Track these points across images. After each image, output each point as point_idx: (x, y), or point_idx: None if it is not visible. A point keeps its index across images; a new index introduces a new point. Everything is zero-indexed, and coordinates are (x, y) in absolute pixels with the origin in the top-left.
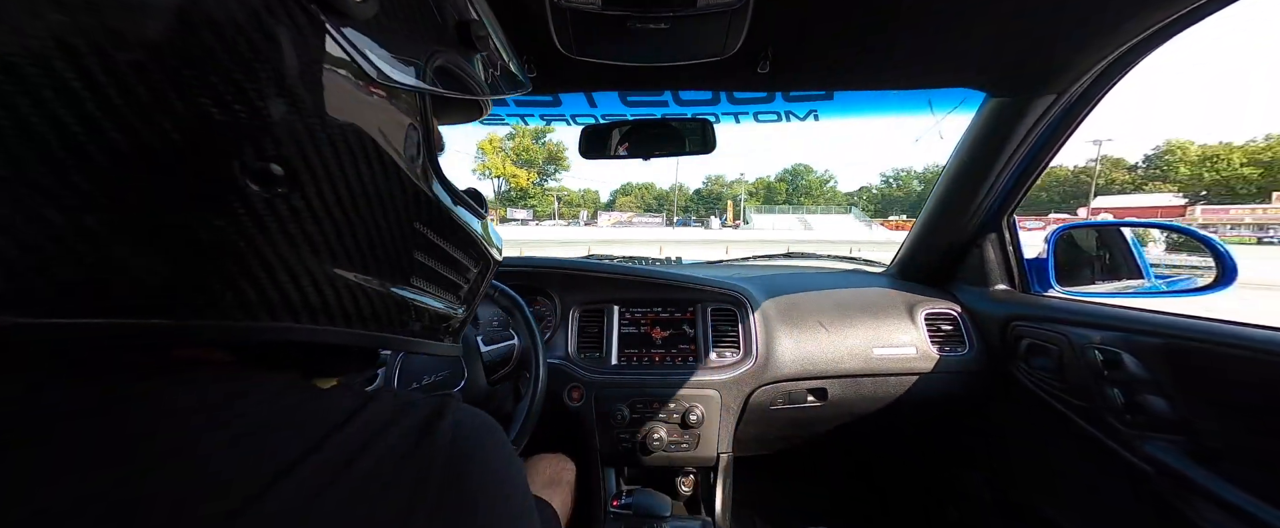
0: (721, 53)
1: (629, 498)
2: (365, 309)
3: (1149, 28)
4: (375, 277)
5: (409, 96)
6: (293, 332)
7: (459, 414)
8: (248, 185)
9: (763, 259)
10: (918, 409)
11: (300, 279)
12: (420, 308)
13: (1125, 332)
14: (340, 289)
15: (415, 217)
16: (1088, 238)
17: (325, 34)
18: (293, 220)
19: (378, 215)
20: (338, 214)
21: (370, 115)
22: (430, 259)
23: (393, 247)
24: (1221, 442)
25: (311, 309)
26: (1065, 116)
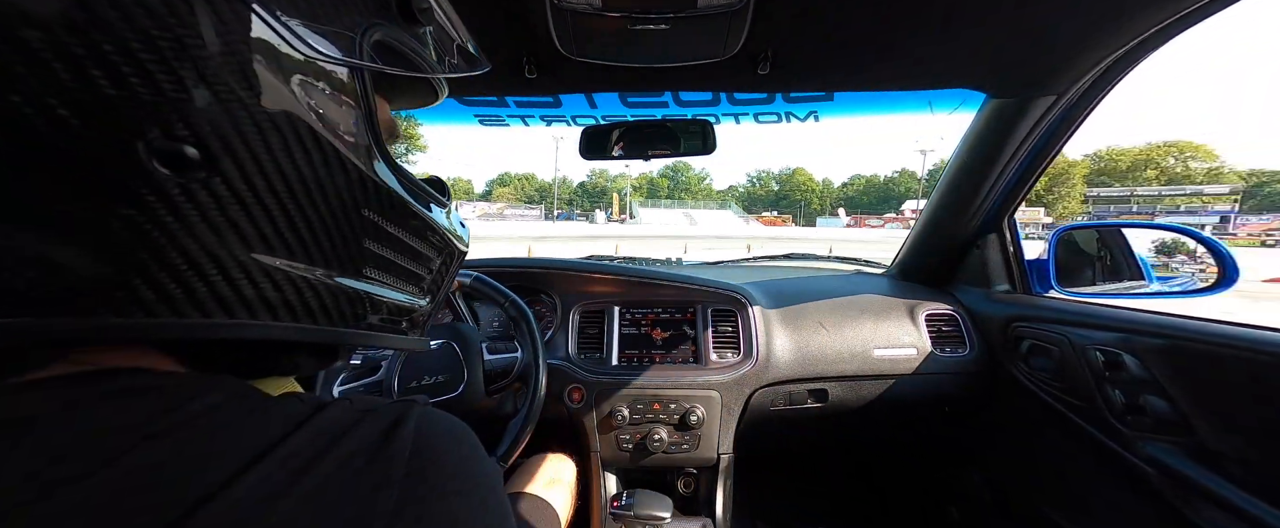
0: (722, 54)
1: (629, 499)
2: (312, 302)
3: (1150, 28)
4: (320, 267)
5: (346, 74)
6: (237, 328)
7: (423, 420)
8: (157, 169)
9: (763, 260)
10: (918, 410)
11: (231, 272)
12: (377, 300)
13: (1126, 333)
14: (280, 282)
15: (362, 203)
16: (1089, 239)
17: (242, 2)
18: (215, 207)
19: (316, 201)
20: (269, 200)
21: (299, 93)
22: (383, 248)
23: (337, 235)
24: (1222, 442)
25: (249, 304)
26: (1065, 117)
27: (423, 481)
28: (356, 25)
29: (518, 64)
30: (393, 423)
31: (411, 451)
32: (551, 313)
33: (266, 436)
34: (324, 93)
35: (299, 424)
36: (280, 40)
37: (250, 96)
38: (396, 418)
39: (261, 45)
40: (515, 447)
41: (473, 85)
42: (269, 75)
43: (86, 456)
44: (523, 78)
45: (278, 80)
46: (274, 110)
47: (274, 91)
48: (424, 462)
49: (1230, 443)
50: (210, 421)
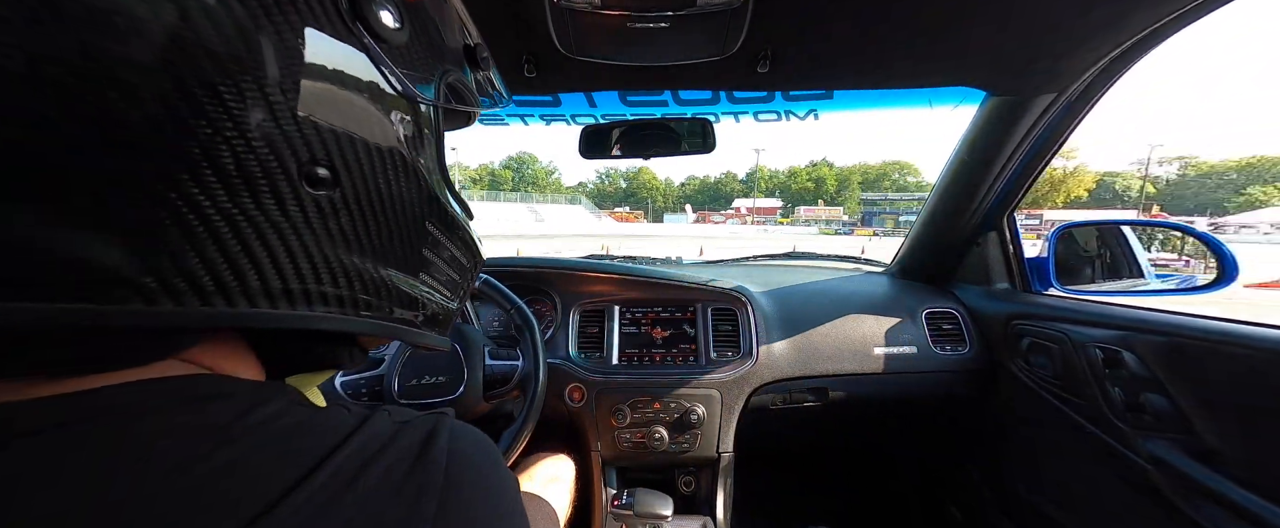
0: (721, 52)
1: (629, 498)
2: (379, 301)
3: (1150, 25)
4: (391, 269)
5: (426, 109)
6: (322, 320)
7: (454, 433)
8: (301, 184)
9: (763, 259)
10: (919, 408)
11: (331, 269)
12: (425, 301)
13: (1125, 330)
14: (362, 280)
15: (428, 216)
16: (1088, 237)
17: (370, 59)
18: (331, 216)
19: (399, 214)
20: (368, 212)
21: (396, 127)
22: (436, 256)
23: (407, 242)
24: (1222, 440)
25: (339, 300)
26: (1066, 115)
27: (460, 488)
28: (438, 71)
29: (517, 63)
30: (428, 435)
31: (447, 460)
32: (552, 312)
33: (323, 444)
34: (411, 125)
35: (346, 436)
36: (387, 85)
37: (362, 131)
38: (431, 430)
39: (373, 88)
40: (512, 450)
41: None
42: (378, 113)
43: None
44: (522, 77)
45: (383, 116)
46: (381, 143)
47: (381, 126)
48: (459, 471)
49: (1230, 440)
50: (270, 429)
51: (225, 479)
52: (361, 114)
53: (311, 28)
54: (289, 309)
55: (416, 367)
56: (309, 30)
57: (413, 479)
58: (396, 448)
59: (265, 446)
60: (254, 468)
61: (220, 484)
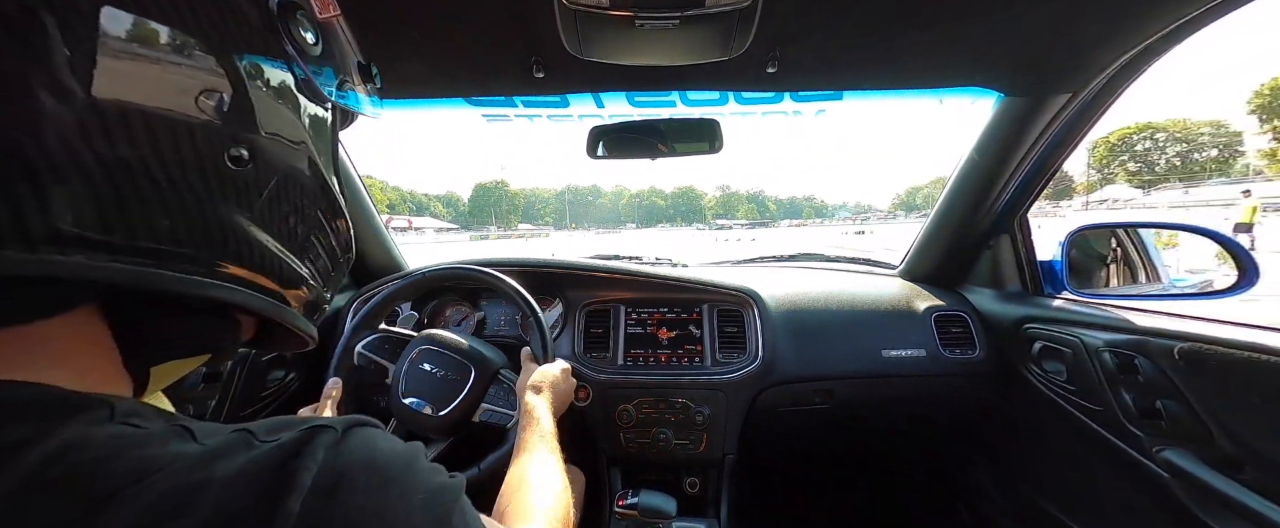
0: (729, 53)
1: (634, 498)
2: (276, 277)
3: (1165, 27)
4: (289, 250)
5: (328, 110)
6: (219, 289)
7: (338, 455)
8: (226, 163)
9: (770, 260)
10: (927, 411)
11: (237, 238)
12: (306, 285)
13: (1140, 335)
14: (265, 256)
15: (319, 204)
16: (1103, 239)
17: (291, 72)
18: (245, 190)
19: (299, 197)
20: (276, 191)
21: (306, 122)
22: (319, 243)
23: (301, 223)
24: (1241, 449)
25: (234, 269)
26: (1080, 116)
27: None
28: (338, 79)
29: (526, 64)
30: (281, 468)
31: (310, 489)
32: (558, 313)
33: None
34: (316, 122)
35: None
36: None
37: (279, 123)
38: (287, 458)
39: (290, 91)
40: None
41: (480, 87)
42: (292, 110)
43: None
44: (531, 78)
45: (295, 113)
46: (293, 135)
47: (294, 121)
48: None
49: (1251, 449)
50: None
51: None
52: (280, 110)
53: (249, 51)
54: (185, 274)
55: (412, 386)
56: (247, 51)
57: None
58: (226, 488)
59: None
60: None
61: None
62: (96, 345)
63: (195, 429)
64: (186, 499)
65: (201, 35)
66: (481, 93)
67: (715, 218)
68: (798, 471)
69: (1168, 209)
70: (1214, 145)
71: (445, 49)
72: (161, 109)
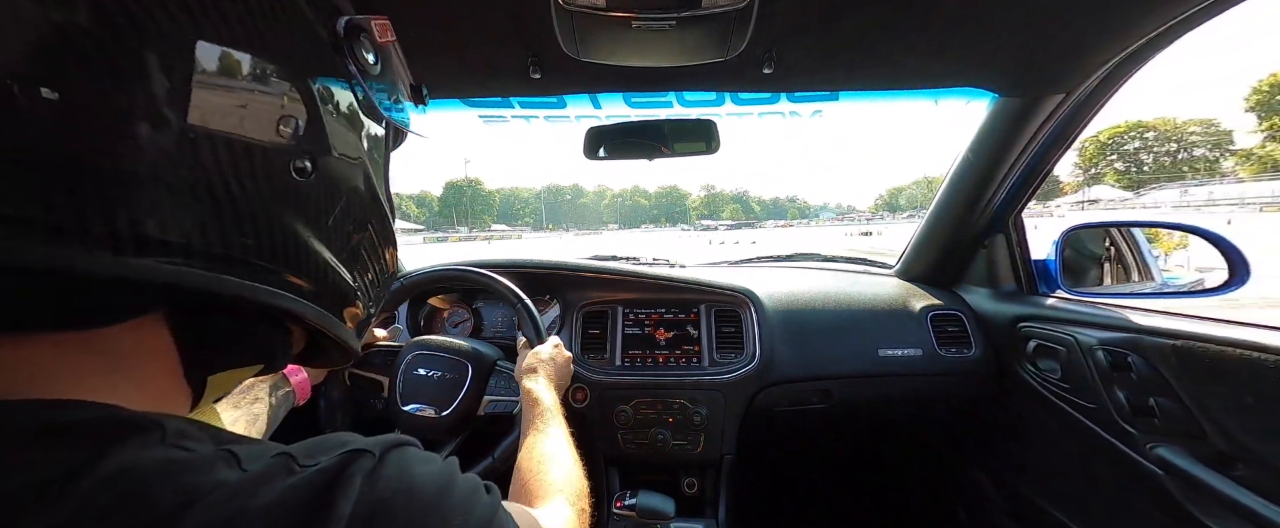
0: (726, 54)
1: (632, 499)
2: (330, 289)
3: (1159, 26)
4: (343, 263)
5: (383, 128)
6: (282, 299)
7: (374, 483)
8: (293, 174)
9: (768, 260)
10: (924, 411)
11: (298, 250)
12: (357, 299)
13: (1133, 333)
14: (323, 267)
15: (371, 220)
16: (1096, 238)
17: (353, 92)
18: (307, 201)
19: (353, 213)
20: (334, 207)
21: (365, 141)
22: (369, 258)
23: (354, 238)
24: (1234, 446)
25: (298, 283)
26: (1073, 116)
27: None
28: (394, 100)
29: (522, 66)
30: (324, 492)
31: (350, 518)
32: (556, 314)
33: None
34: (373, 140)
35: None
36: (362, 106)
37: (340, 139)
38: (329, 484)
39: (352, 108)
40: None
41: (477, 88)
42: (353, 128)
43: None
44: (527, 79)
45: (354, 130)
46: (352, 152)
47: (355, 138)
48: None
49: (1243, 446)
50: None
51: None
52: (344, 128)
53: (319, 73)
54: (255, 283)
55: (415, 385)
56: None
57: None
58: (266, 517)
59: (94, 515)
60: None
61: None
62: (159, 354)
63: (241, 454)
64: (239, 516)
65: (279, 61)
66: (478, 94)
67: (700, 218)
68: (796, 471)
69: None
70: (1203, 144)
71: (441, 50)
72: (243, 131)
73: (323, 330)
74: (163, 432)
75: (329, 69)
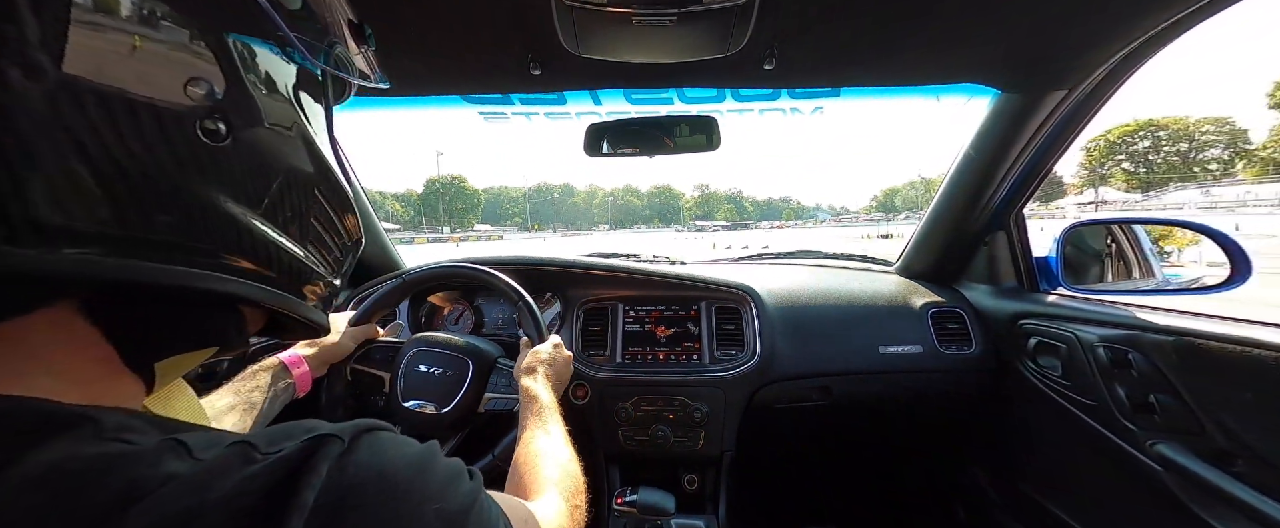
0: (727, 50)
1: (633, 495)
2: (274, 264)
3: (1162, 23)
4: (284, 234)
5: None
6: (208, 279)
7: (343, 469)
8: (200, 136)
9: (768, 258)
10: (924, 407)
11: (223, 222)
12: (313, 272)
13: (1134, 330)
14: (257, 239)
15: (318, 183)
16: (1098, 235)
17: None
18: (226, 167)
19: (292, 174)
20: (261, 169)
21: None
22: (322, 228)
23: (299, 205)
24: (1233, 442)
25: (227, 258)
26: (1075, 112)
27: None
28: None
29: (523, 61)
30: (292, 472)
31: (313, 507)
32: (556, 311)
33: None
34: (304, 93)
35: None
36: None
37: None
38: (297, 467)
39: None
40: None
41: (477, 85)
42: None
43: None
44: (527, 75)
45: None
46: (283, 121)
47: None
48: (330, 519)
49: (1243, 442)
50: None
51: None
52: (267, 89)
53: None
54: (171, 265)
55: (416, 381)
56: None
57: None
58: (223, 510)
59: (25, 513)
60: None
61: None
62: (82, 343)
63: (191, 443)
64: (179, 527)
65: (174, 3)
66: (477, 90)
67: (694, 218)
68: (795, 467)
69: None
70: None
71: (441, 46)
72: (139, 89)
73: (281, 311)
74: (96, 425)
75: (243, 18)
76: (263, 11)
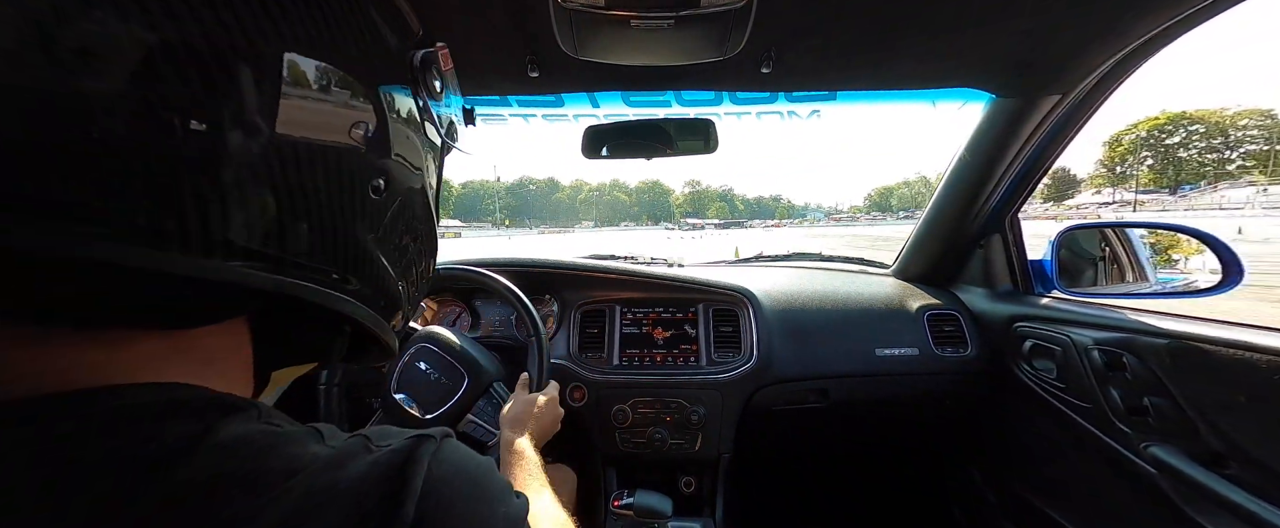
0: (724, 54)
1: (630, 498)
2: (379, 295)
3: (1156, 28)
4: (397, 272)
5: (441, 145)
6: (348, 305)
7: (437, 461)
8: (369, 193)
9: (765, 260)
10: (920, 410)
11: (364, 259)
12: (402, 303)
13: (1128, 333)
14: (375, 273)
15: (423, 233)
16: (1092, 239)
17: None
18: (377, 216)
19: (415, 226)
20: (400, 217)
21: (429, 160)
22: (415, 267)
23: (408, 249)
24: (1226, 444)
25: (364, 289)
26: (1069, 117)
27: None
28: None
29: (521, 64)
30: (400, 468)
31: (418, 502)
32: (553, 313)
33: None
34: (435, 157)
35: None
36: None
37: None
38: (404, 461)
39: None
40: None
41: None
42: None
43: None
44: (525, 78)
45: (421, 151)
46: (416, 166)
47: (418, 157)
48: (433, 511)
49: (1236, 445)
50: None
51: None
52: (412, 143)
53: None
54: (332, 290)
55: (411, 376)
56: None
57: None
58: (355, 489)
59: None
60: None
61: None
62: (240, 351)
63: (323, 431)
64: (325, 498)
65: (361, 75)
66: (475, 92)
67: (684, 216)
68: (792, 470)
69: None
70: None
71: None
72: (327, 141)
73: (372, 333)
74: (258, 411)
75: (405, 87)
76: (421, 95)
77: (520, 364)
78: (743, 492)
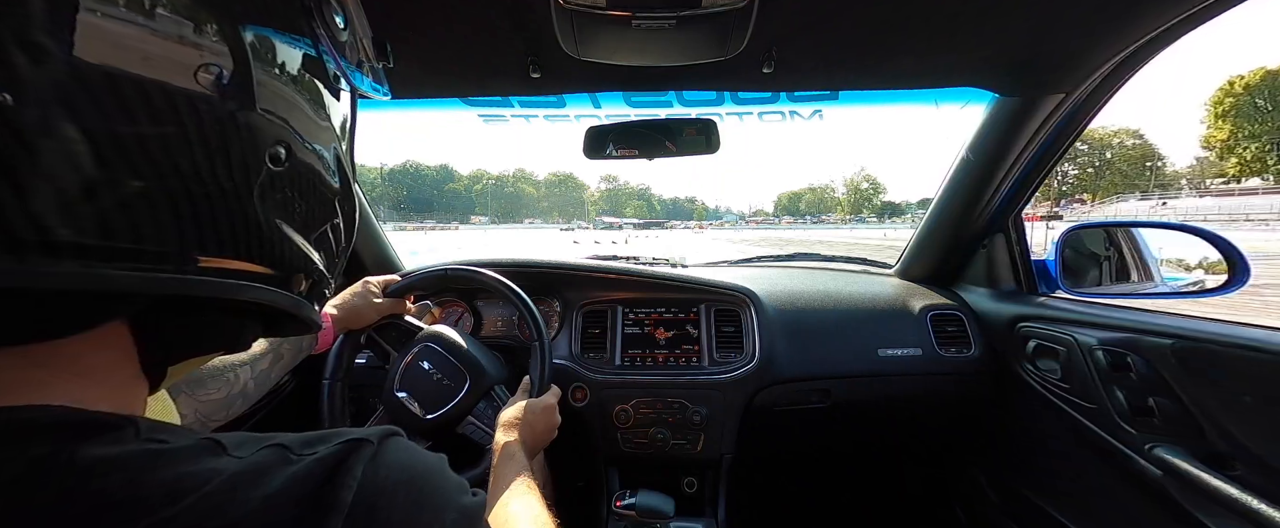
0: (726, 53)
1: (632, 498)
2: (302, 271)
3: (1159, 27)
4: (312, 244)
5: (349, 96)
6: (251, 291)
7: (375, 470)
8: (268, 164)
9: (768, 260)
10: (923, 410)
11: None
12: (323, 275)
13: (1132, 333)
14: (294, 253)
15: (338, 195)
16: (1096, 238)
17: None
18: (281, 189)
19: (324, 193)
20: (305, 188)
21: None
22: (332, 233)
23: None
24: (1232, 445)
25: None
26: (1073, 116)
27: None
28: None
29: (522, 65)
30: (325, 480)
31: (350, 507)
32: (555, 313)
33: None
34: (340, 112)
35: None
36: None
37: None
38: (331, 471)
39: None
40: None
41: (475, 87)
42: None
43: None
44: (527, 78)
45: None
46: (323, 126)
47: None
48: (365, 522)
49: (1242, 445)
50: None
51: None
52: (308, 103)
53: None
54: (223, 279)
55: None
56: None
57: None
58: (263, 510)
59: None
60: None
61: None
62: (122, 354)
63: (226, 442)
64: (223, 522)
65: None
66: (476, 93)
67: (600, 214)
68: (795, 470)
69: None
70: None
71: (440, 49)
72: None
73: (294, 314)
74: (136, 427)
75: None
76: (315, 37)
77: (522, 365)
78: (745, 492)
